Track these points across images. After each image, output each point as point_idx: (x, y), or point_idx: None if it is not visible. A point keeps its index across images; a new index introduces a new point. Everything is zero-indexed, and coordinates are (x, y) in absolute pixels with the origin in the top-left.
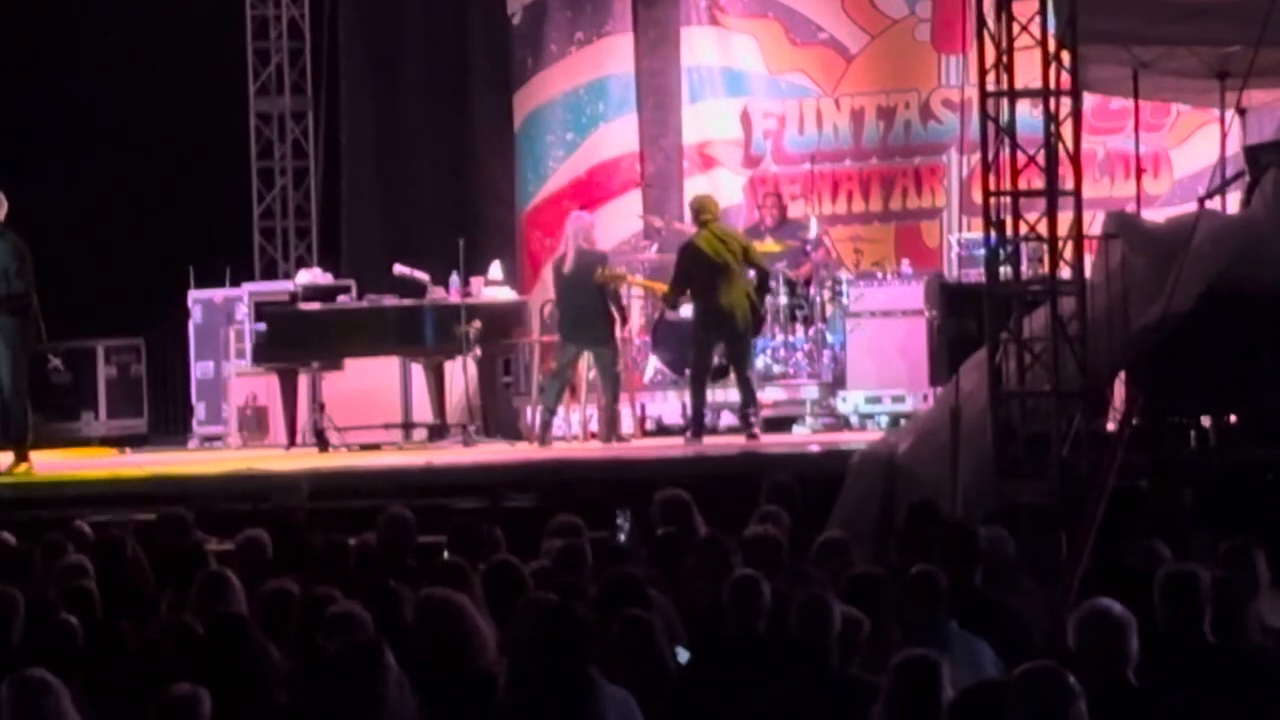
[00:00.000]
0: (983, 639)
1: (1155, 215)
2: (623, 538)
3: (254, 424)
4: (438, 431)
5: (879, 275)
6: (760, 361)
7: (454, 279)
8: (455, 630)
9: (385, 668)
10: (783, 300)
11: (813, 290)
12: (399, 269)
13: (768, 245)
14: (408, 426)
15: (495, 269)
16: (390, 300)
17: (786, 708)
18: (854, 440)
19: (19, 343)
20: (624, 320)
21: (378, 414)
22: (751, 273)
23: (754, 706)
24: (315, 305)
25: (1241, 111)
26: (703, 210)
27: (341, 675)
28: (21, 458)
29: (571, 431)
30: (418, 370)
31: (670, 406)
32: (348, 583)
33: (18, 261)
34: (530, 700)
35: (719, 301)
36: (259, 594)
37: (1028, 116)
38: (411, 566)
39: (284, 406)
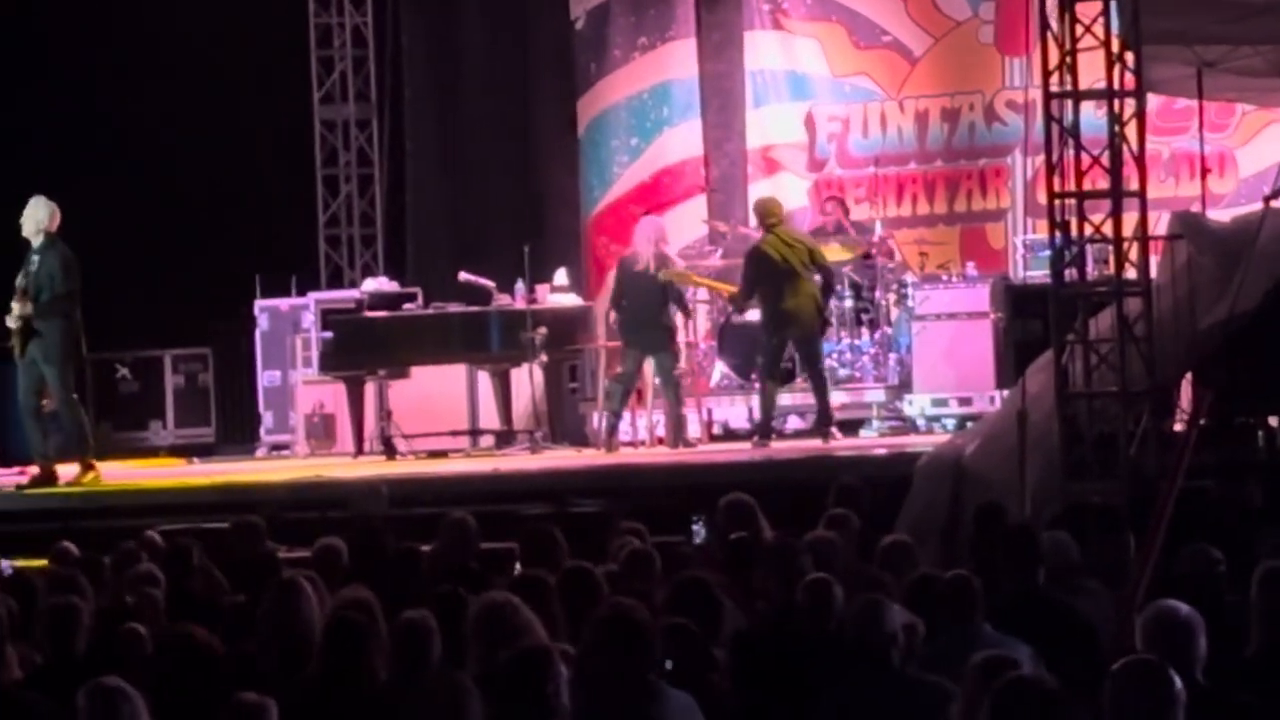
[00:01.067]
0: (1035, 641)
1: (1220, 215)
2: (698, 542)
3: (321, 432)
4: (504, 438)
5: (944, 278)
6: (826, 365)
7: (519, 285)
8: (506, 632)
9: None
10: (848, 304)
11: (878, 294)
12: (464, 276)
13: (833, 250)
14: (474, 433)
15: (560, 275)
16: (456, 307)
17: (851, 709)
18: (921, 443)
19: (61, 354)
20: (687, 319)
21: (444, 421)
22: (817, 276)
23: (819, 708)
24: (381, 313)
25: None
26: (768, 214)
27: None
28: (88, 466)
29: (638, 437)
30: (484, 377)
31: (736, 411)
32: (420, 590)
33: (63, 270)
34: (591, 707)
35: (786, 305)
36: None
37: (1092, 117)
38: (475, 571)
39: (351, 414)
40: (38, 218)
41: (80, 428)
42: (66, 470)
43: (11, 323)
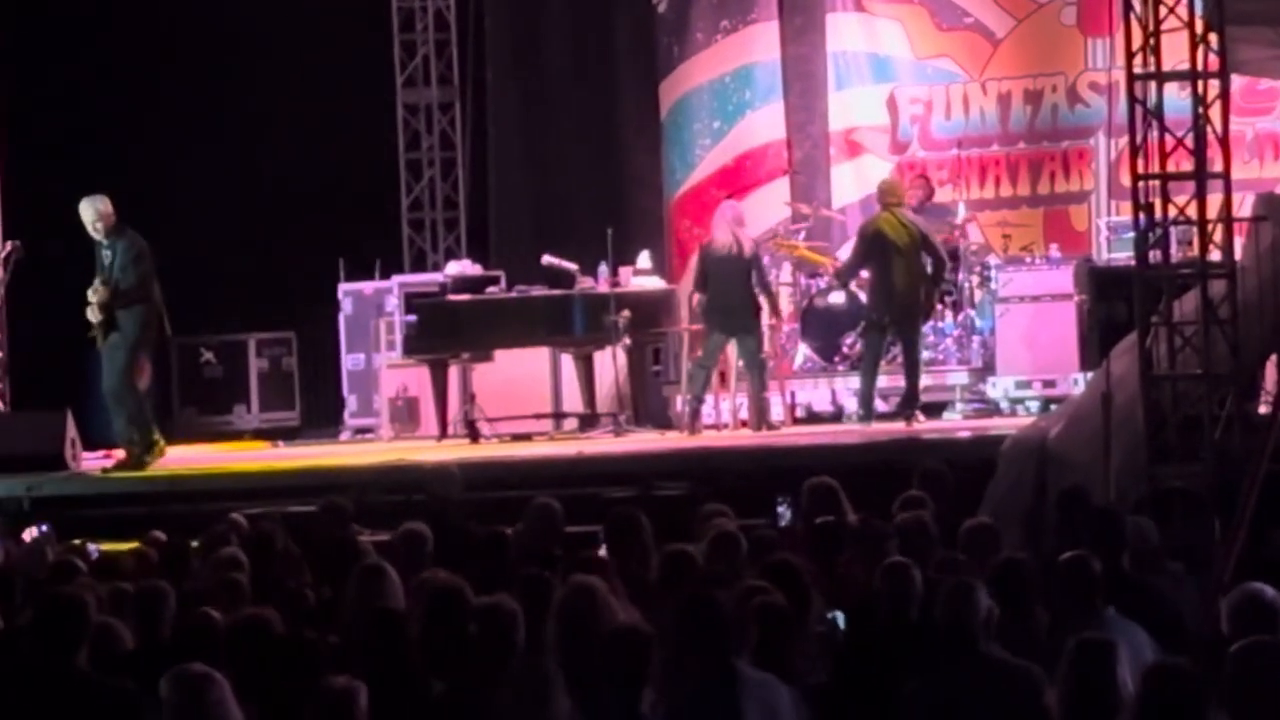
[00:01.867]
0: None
1: None
2: (783, 525)
3: (405, 415)
4: (588, 421)
5: (1027, 260)
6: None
7: (602, 268)
8: (590, 616)
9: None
10: None
11: (961, 276)
12: (547, 259)
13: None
14: (558, 416)
15: (644, 258)
16: (539, 291)
17: (937, 693)
18: (1004, 426)
19: (135, 341)
20: (774, 305)
21: (528, 404)
22: (928, 262)
23: (905, 693)
24: (465, 296)
25: None
26: (889, 193)
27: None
28: (148, 447)
29: (721, 420)
30: (567, 360)
31: (820, 394)
32: (505, 573)
33: (133, 259)
34: (675, 690)
35: (895, 284)
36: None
37: (1175, 98)
38: (559, 556)
39: (435, 398)
40: (89, 218)
41: (141, 410)
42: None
43: (92, 315)
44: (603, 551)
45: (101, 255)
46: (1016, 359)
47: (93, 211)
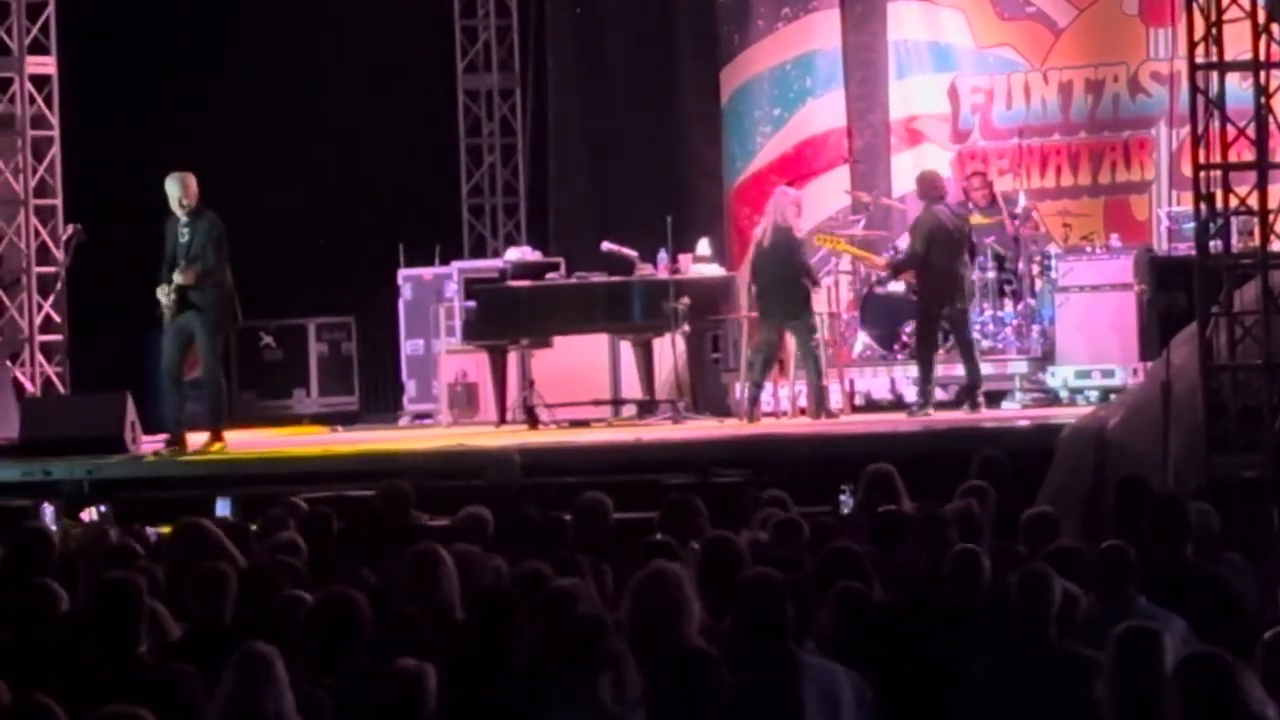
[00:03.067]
0: (1183, 612)
1: None
2: (845, 512)
3: (464, 401)
4: (647, 408)
5: (1088, 249)
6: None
7: (662, 255)
8: (665, 602)
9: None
10: (990, 275)
11: (1021, 265)
12: (607, 246)
13: (976, 219)
14: (617, 403)
15: (703, 245)
16: (599, 277)
17: (1003, 681)
18: (1064, 415)
19: (213, 323)
20: (815, 288)
21: (587, 391)
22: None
23: (969, 678)
24: (524, 282)
25: None
26: (935, 185)
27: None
28: (216, 437)
29: (780, 407)
30: (626, 347)
31: (879, 382)
32: (564, 559)
33: (214, 242)
34: (732, 675)
35: (957, 273)
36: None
37: (1237, 89)
38: (606, 548)
39: (494, 383)
40: (175, 194)
41: (219, 399)
42: (196, 438)
43: (163, 296)
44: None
45: (179, 233)
46: (1076, 348)
47: (180, 187)
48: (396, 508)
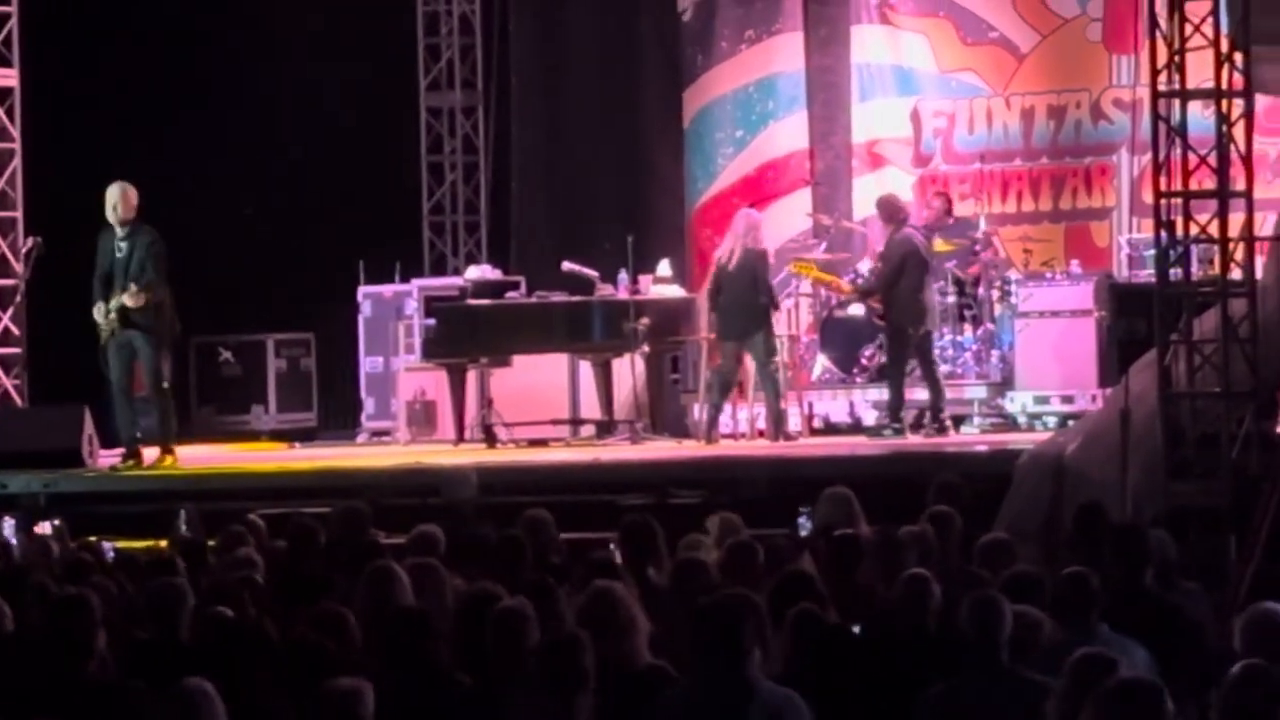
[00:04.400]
0: (1143, 640)
1: None
2: (803, 535)
3: (422, 419)
4: (605, 428)
5: (1048, 275)
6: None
7: (623, 276)
8: (613, 621)
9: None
10: (951, 300)
11: (981, 290)
12: (568, 265)
13: (937, 244)
14: (575, 423)
15: (664, 266)
16: (559, 297)
17: (955, 706)
18: (1022, 441)
19: (156, 338)
20: (774, 310)
21: (546, 410)
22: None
23: (921, 704)
24: (484, 301)
25: None
26: (901, 209)
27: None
28: (167, 451)
29: (739, 429)
30: (586, 367)
31: (838, 405)
32: (515, 579)
33: (153, 256)
34: (681, 700)
35: (928, 297)
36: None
37: (1199, 117)
38: (558, 564)
39: (453, 402)
40: (113, 201)
41: (167, 414)
42: (151, 453)
43: (101, 316)
44: (616, 557)
45: (115, 247)
46: (1035, 374)
47: (120, 196)
48: (353, 527)
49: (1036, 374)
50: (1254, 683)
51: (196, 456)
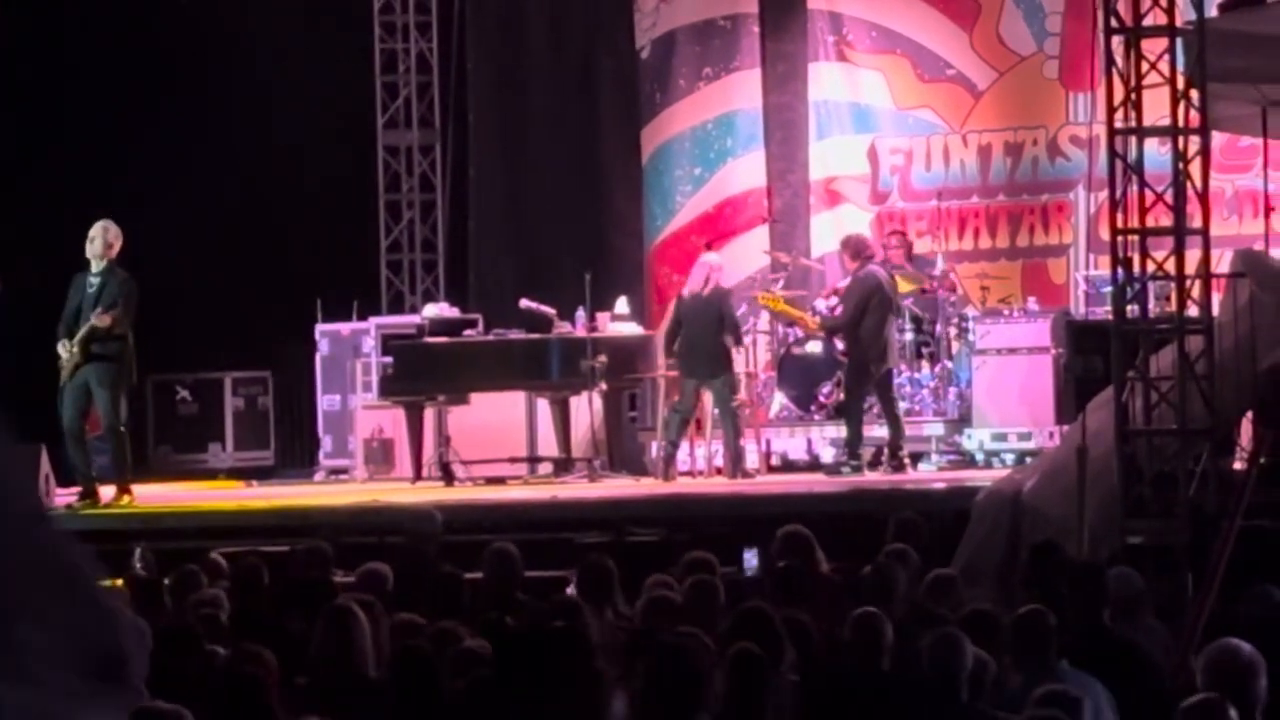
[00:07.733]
0: (1102, 677)
1: None
2: (749, 573)
3: (380, 457)
4: (563, 466)
5: (1005, 312)
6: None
7: (580, 313)
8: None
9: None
10: (909, 336)
11: (939, 327)
12: (525, 303)
13: (900, 284)
14: (533, 460)
15: (622, 303)
16: (516, 334)
17: None
18: (979, 478)
19: (114, 377)
20: (738, 347)
21: (503, 448)
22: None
23: None
24: (442, 339)
25: None
26: (866, 247)
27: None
28: (124, 490)
29: (696, 467)
30: (543, 404)
31: (795, 442)
32: (463, 615)
33: (125, 296)
34: None
35: (889, 335)
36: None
37: (1156, 154)
38: (521, 601)
39: (410, 440)
40: (99, 239)
41: (123, 453)
42: (108, 491)
43: (64, 351)
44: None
45: (87, 284)
46: (992, 411)
47: (105, 237)
48: (316, 568)
49: (994, 411)
50: (1208, 714)
51: (153, 495)
